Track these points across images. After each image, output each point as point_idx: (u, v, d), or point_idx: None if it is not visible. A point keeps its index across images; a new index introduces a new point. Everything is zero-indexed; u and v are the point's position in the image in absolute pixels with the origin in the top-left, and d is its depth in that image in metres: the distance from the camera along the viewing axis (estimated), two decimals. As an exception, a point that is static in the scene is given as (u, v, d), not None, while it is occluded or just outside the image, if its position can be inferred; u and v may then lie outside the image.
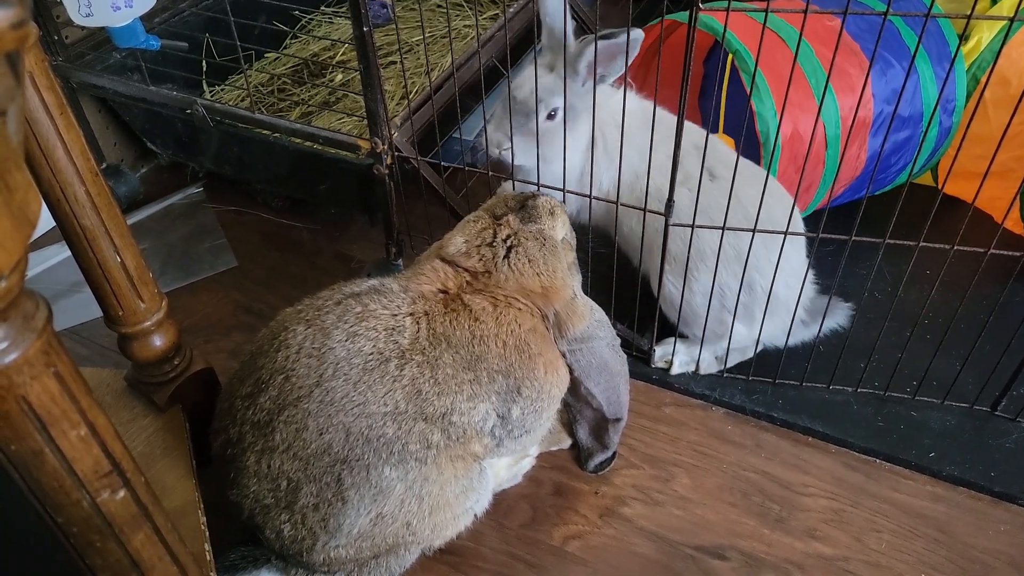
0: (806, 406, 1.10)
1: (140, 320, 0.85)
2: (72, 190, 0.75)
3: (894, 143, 1.17)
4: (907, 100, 1.14)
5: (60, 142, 0.72)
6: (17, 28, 0.32)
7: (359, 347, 0.77)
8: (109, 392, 0.95)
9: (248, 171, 1.40)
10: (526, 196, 0.92)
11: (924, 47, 1.15)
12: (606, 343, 0.91)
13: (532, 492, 1.02)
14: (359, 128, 1.45)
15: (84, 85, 1.38)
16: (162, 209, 1.50)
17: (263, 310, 1.28)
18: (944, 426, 1.07)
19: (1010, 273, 0.92)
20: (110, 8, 1.13)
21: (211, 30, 1.55)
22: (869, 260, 1.29)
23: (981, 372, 1.06)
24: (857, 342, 1.11)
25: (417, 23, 1.74)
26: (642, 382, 1.15)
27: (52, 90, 0.70)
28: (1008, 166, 1.21)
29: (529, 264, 0.85)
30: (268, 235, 1.44)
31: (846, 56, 1.10)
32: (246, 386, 0.79)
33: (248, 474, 0.78)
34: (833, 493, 1.01)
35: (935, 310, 1.19)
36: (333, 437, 0.75)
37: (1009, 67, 1.17)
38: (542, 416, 0.87)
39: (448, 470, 0.80)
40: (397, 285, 0.85)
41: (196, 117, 1.28)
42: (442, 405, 0.78)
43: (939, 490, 1.01)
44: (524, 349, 0.82)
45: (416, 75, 1.56)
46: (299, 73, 1.66)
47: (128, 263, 0.81)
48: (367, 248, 1.40)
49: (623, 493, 1.02)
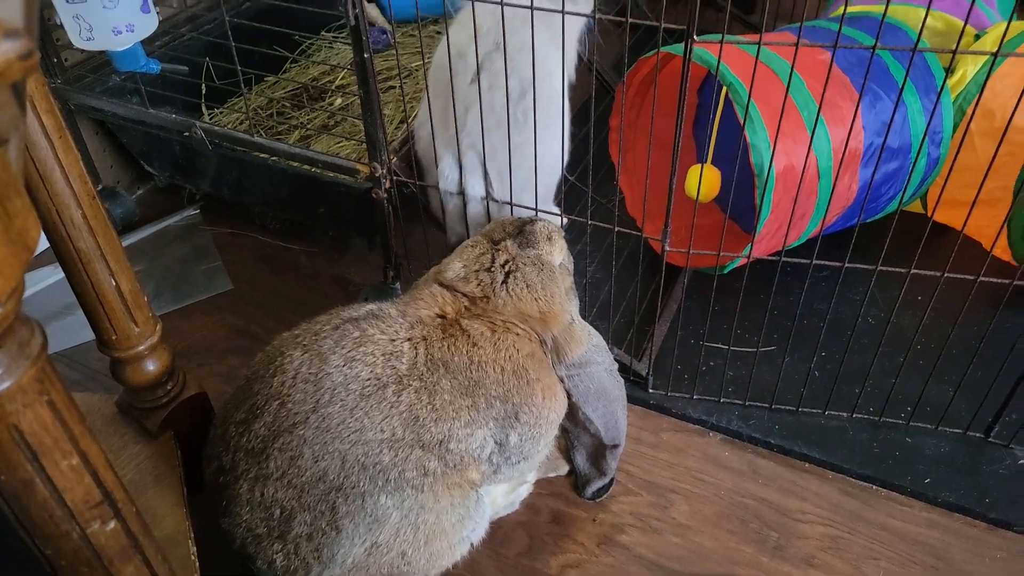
0: (802, 432, 1.10)
1: (134, 344, 0.84)
2: (68, 213, 0.74)
3: (884, 173, 1.18)
4: (896, 132, 1.15)
5: (58, 165, 0.72)
6: (25, 59, 0.32)
7: (356, 373, 0.77)
8: (100, 418, 0.94)
9: (246, 194, 1.40)
10: (524, 221, 0.92)
11: (912, 80, 1.16)
12: (604, 368, 0.91)
13: (529, 520, 1.02)
14: (358, 152, 1.45)
15: (82, 107, 1.39)
16: (158, 231, 1.50)
17: (259, 333, 1.28)
18: (939, 452, 1.07)
19: (1000, 300, 0.92)
20: (111, 32, 1.13)
21: (211, 54, 1.56)
22: (862, 286, 1.29)
23: (974, 398, 1.07)
24: (851, 367, 1.12)
25: (416, 49, 1.75)
26: (640, 407, 1.15)
27: (51, 113, 0.70)
28: (995, 195, 1.22)
29: (527, 289, 0.85)
30: (265, 258, 1.44)
31: (837, 89, 1.11)
32: (240, 412, 0.79)
33: (241, 502, 0.77)
34: (830, 520, 1.01)
35: (927, 335, 1.19)
36: (328, 464, 0.74)
37: (993, 99, 1.19)
38: (540, 442, 0.86)
39: (445, 498, 0.79)
40: (395, 310, 0.84)
41: (195, 140, 1.28)
42: (439, 432, 0.77)
43: (935, 516, 1.01)
44: (522, 374, 0.82)
45: (415, 99, 1.57)
46: (298, 97, 1.67)
47: (123, 287, 0.81)
48: (365, 271, 1.40)
49: (621, 520, 1.01)
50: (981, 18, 1.42)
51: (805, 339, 1.20)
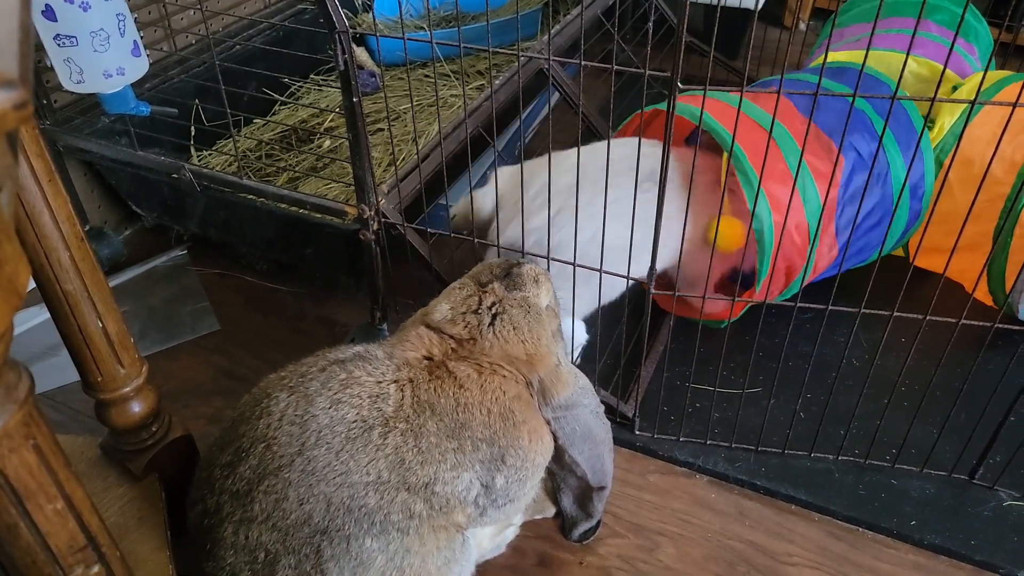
0: (789, 474, 1.10)
1: (119, 386, 0.84)
2: (56, 255, 0.74)
3: (866, 228, 1.20)
4: (878, 187, 1.17)
5: (47, 208, 0.72)
6: (20, 109, 0.33)
7: (342, 415, 0.77)
8: (83, 460, 0.93)
9: (234, 235, 1.40)
10: (511, 264, 0.93)
11: (895, 135, 1.19)
12: (590, 410, 0.91)
13: (516, 563, 1.01)
14: (346, 194, 1.47)
15: (71, 149, 1.40)
16: (145, 271, 1.50)
17: (245, 375, 1.27)
18: (924, 494, 1.07)
19: (981, 342, 0.94)
20: (102, 75, 1.15)
21: (201, 96, 1.58)
22: (846, 328, 1.31)
23: (958, 440, 1.08)
24: (837, 409, 1.13)
25: (405, 92, 1.78)
26: (626, 449, 1.15)
27: (41, 157, 0.70)
28: (976, 240, 1.25)
29: (514, 331, 0.86)
30: (252, 299, 1.44)
31: (821, 155, 1.14)
32: (226, 454, 0.78)
33: (225, 545, 0.76)
34: (817, 563, 1.00)
35: (911, 377, 1.20)
36: (314, 507, 0.73)
37: (971, 147, 1.22)
38: (526, 484, 0.86)
39: (430, 541, 0.78)
40: (382, 352, 0.85)
41: (183, 181, 1.29)
42: (425, 475, 0.77)
43: (921, 559, 1.01)
44: (509, 416, 0.82)
45: (403, 142, 1.59)
46: (287, 139, 1.69)
47: (109, 328, 0.80)
48: (352, 313, 1.40)
49: (608, 563, 1.01)
50: (963, 66, 1.46)
51: (790, 381, 1.21)
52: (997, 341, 0.94)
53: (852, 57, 1.39)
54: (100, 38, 1.12)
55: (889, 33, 1.48)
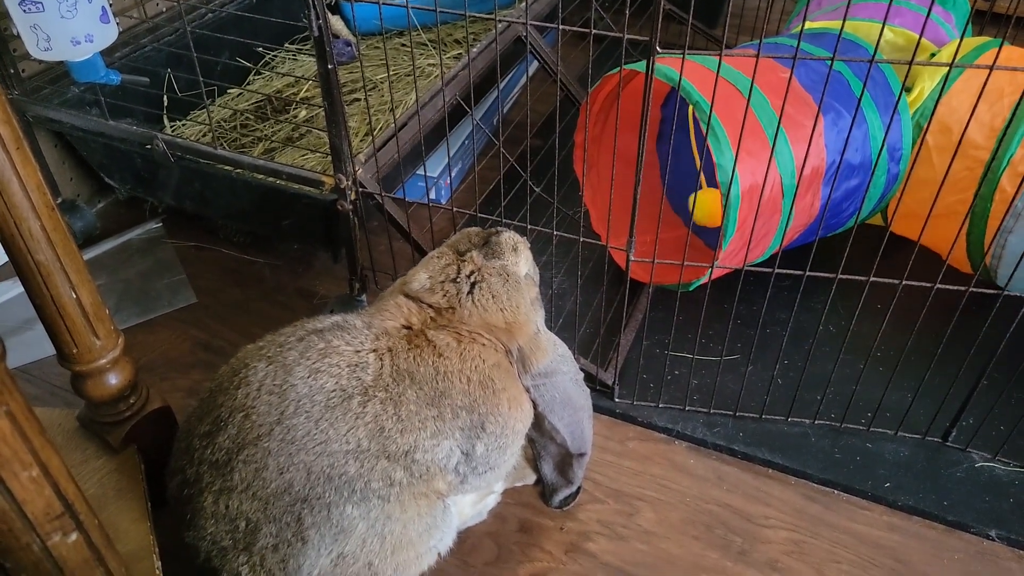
0: (766, 438, 1.11)
1: (95, 358, 0.83)
2: (27, 225, 0.73)
3: (845, 190, 1.20)
4: (858, 149, 1.18)
5: (16, 176, 0.71)
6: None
7: (321, 384, 0.76)
8: (61, 432, 0.93)
9: (209, 206, 1.39)
10: (490, 232, 0.93)
11: (872, 97, 1.19)
12: (569, 378, 0.91)
13: (497, 529, 1.02)
14: (323, 164, 1.45)
15: (40, 119, 1.37)
16: (119, 245, 1.48)
17: (223, 347, 1.27)
18: (898, 457, 1.09)
19: (957, 307, 0.95)
20: (70, 42, 1.12)
21: (173, 65, 1.55)
22: (823, 295, 1.32)
23: (932, 403, 1.09)
24: (813, 375, 1.14)
25: (381, 61, 1.75)
26: (606, 416, 1.16)
27: (8, 124, 0.69)
28: (955, 208, 1.26)
29: (493, 300, 0.86)
30: (229, 271, 1.43)
31: (799, 107, 1.14)
32: (204, 424, 0.78)
33: (205, 515, 0.76)
34: (793, 524, 1.02)
35: (887, 343, 1.22)
36: (294, 476, 0.74)
37: (950, 115, 1.22)
38: (506, 452, 0.86)
39: (411, 508, 0.79)
40: (360, 321, 0.84)
41: (156, 152, 1.27)
42: (405, 443, 0.77)
43: (895, 520, 1.03)
44: (488, 384, 0.82)
45: (380, 112, 1.57)
46: (262, 109, 1.66)
47: (84, 300, 0.79)
48: (330, 284, 1.40)
49: (588, 528, 1.02)
50: (940, 34, 1.46)
51: (768, 347, 1.23)
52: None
53: (830, 26, 1.39)
54: (67, 4, 1.09)
55: (868, 2, 1.47)
